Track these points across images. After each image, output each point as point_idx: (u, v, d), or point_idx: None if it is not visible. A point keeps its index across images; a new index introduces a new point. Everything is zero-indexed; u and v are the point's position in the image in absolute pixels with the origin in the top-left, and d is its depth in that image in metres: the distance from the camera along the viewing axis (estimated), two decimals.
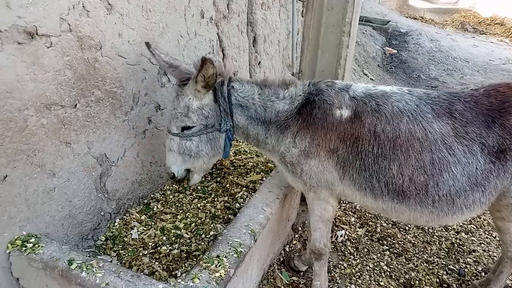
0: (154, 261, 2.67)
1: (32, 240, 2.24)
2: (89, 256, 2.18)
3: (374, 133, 2.35)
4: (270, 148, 2.64)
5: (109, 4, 2.63)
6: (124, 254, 2.72)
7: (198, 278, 2.09)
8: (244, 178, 3.50)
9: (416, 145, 2.31)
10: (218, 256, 2.27)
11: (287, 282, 3.17)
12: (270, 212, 2.79)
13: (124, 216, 3.02)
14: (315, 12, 3.20)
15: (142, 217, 3.02)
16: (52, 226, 2.46)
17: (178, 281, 2.09)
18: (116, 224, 2.93)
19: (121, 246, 2.78)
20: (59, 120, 2.41)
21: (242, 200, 3.22)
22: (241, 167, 3.66)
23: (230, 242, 2.41)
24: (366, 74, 8.38)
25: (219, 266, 2.20)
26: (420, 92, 2.50)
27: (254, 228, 2.58)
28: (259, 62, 5.53)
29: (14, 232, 2.23)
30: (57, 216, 2.48)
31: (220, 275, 2.14)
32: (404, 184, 2.34)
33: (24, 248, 2.18)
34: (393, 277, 3.36)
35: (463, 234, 3.95)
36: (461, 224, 4.08)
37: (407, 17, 15.54)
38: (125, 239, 2.83)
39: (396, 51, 10.71)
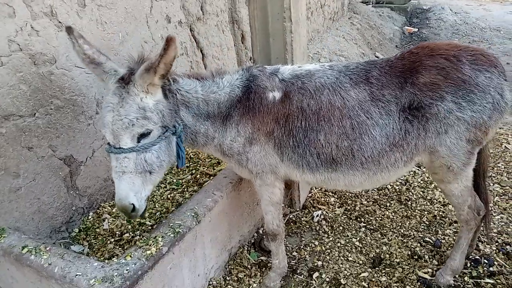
0: (118, 247, 2.97)
1: None
2: (55, 244, 2.50)
3: (301, 109, 2.49)
4: (216, 143, 2.60)
5: (59, 22, 2.96)
6: (95, 243, 3.04)
7: (130, 256, 2.34)
8: (215, 168, 3.70)
9: (337, 114, 2.45)
10: (155, 237, 2.51)
11: (254, 261, 3.33)
12: (219, 195, 2.98)
13: (97, 210, 3.35)
14: (258, 2, 3.35)
15: (114, 209, 3.33)
16: (22, 221, 2.82)
17: (113, 259, 2.35)
18: (90, 217, 3.27)
19: (93, 236, 3.10)
20: (19, 129, 2.76)
21: None
22: (214, 158, 3.86)
23: (171, 224, 2.63)
24: (377, 57, 8.21)
25: (153, 245, 2.43)
26: (340, 66, 2.62)
27: (199, 211, 2.78)
28: (251, 57, 5.70)
29: None
30: (26, 212, 2.85)
31: (151, 253, 2.37)
32: (332, 152, 2.49)
33: None
34: (363, 252, 3.39)
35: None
36: None
37: None
38: (97, 230, 3.15)
39: (416, 30, 10.36)
